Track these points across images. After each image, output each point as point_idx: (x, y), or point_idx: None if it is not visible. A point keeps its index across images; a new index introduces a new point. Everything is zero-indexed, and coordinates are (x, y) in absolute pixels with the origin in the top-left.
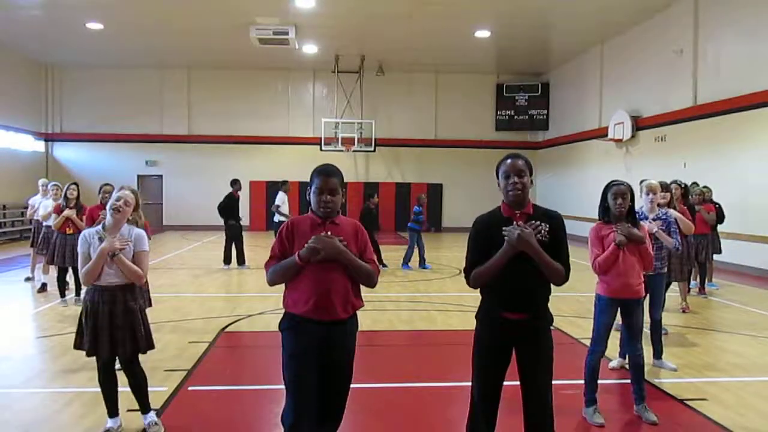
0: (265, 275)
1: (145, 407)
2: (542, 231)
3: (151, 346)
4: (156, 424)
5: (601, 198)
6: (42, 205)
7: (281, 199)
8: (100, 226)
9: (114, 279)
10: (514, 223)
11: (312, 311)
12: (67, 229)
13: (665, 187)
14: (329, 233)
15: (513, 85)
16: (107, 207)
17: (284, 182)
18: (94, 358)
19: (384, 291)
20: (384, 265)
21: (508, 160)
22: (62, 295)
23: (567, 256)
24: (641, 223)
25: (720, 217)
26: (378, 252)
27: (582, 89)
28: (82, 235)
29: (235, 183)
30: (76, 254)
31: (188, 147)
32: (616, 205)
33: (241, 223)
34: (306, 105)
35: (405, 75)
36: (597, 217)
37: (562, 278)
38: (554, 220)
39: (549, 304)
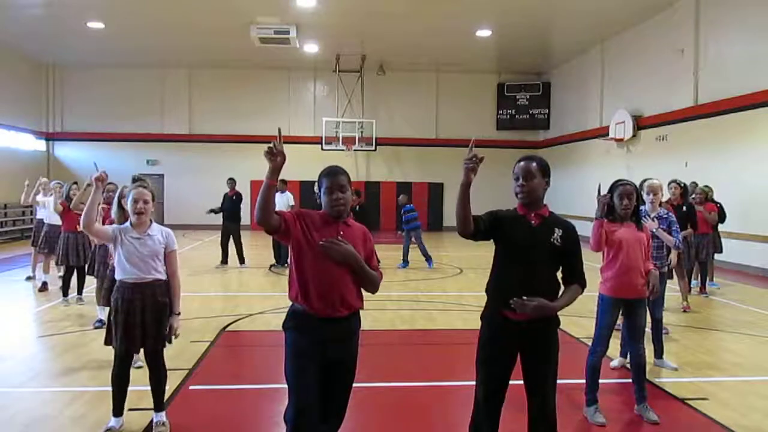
0: (267, 272)
1: (159, 404)
2: (555, 235)
3: (175, 336)
4: (164, 424)
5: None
6: (49, 202)
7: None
8: (128, 224)
9: (144, 277)
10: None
11: (315, 308)
12: (78, 226)
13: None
14: (341, 234)
15: (514, 84)
16: (128, 209)
17: (282, 181)
18: (97, 356)
19: (385, 290)
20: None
21: (521, 163)
22: (65, 294)
23: (581, 266)
24: (644, 223)
25: (721, 216)
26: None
27: (583, 89)
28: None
29: (228, 182)
30: (85, 252)
31: (189, 146)
32: (622, 206)
33: (239, 222)
34: (307, 104)
35: (406, 74)
36: (595, 216)
37: (580, 293)
38: (568, 231)
39: None
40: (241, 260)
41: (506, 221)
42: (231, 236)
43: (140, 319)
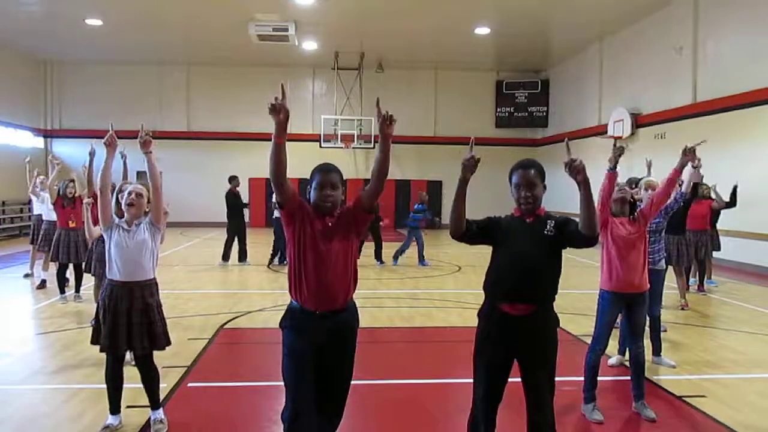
0: (265, 270)
1: (155, 403)
2: (548, 227)
3: (168, 343)
4: (161, 422)
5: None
6: (46, 198)
7: None
8: (122, 220)
9: (133, 276)
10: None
11: (310, 299)
12: (70, 222)
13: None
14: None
15: (513, 82)
16: (122, 204)
17: None
18: (95, 354)
19: (384, 288)
20: (381, 262)
21: (520, 170)
22: (62, 291)
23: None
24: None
25: (730, 203)
26: (379, 247)
27: (582, 86)
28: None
29: (233, 179)
30: (78, 250)
31: (187, 143)
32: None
33: (245, 219)
34: (305, 102)
35: (405, 72)
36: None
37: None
38: (559, 220)
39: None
40: (243, 257)
41: (502, 223)
42: (236, 234)
43: (126, 320)
